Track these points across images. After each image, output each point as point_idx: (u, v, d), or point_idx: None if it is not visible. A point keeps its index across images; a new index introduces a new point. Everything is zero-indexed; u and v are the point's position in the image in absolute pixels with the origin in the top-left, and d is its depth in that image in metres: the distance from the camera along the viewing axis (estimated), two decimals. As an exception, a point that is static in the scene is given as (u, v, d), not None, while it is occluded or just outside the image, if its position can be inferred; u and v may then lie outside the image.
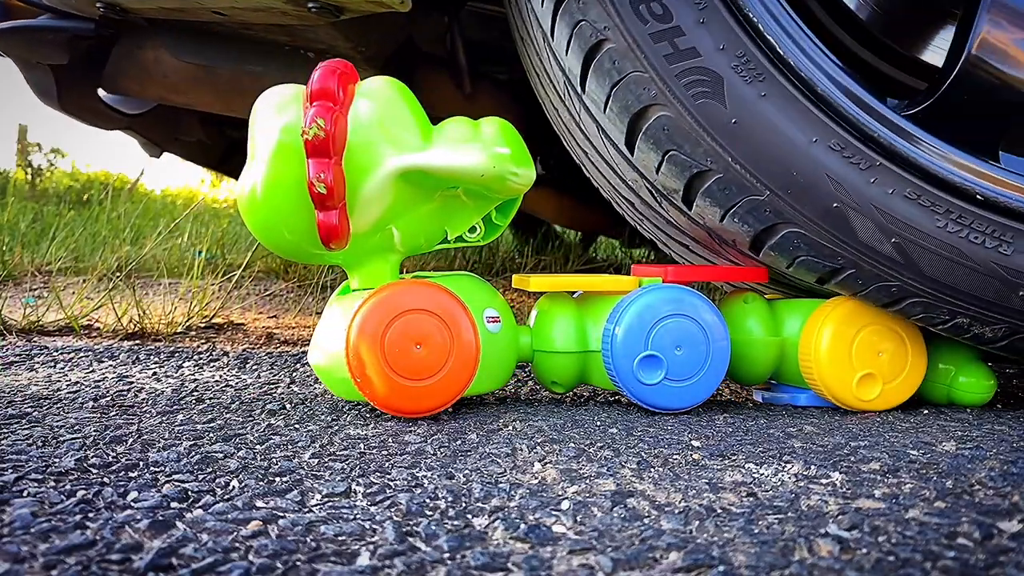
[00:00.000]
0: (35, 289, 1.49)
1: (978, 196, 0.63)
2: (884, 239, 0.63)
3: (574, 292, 0.74)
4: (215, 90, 1.09)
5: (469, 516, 0.42)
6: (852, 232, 0.63)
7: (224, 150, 1.63)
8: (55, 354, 0.93)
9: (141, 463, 0.50)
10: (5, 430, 0.58)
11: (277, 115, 0.61)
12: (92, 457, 0.51)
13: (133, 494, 0.44)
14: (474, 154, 0.61)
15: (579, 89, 0.67)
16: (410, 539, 0.39)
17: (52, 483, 0.46)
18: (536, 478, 0.49)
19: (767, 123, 0.62)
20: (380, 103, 0.61)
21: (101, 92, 1.21)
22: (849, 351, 0.68)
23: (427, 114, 0.65)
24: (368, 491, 0.46)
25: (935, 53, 0.84)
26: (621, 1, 0.61)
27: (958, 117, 0.65)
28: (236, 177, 1.91)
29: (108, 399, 0.71)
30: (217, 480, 0.47)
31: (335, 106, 0.59)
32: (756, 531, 0.40)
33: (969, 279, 0.64)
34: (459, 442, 0.57)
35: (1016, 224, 0.63)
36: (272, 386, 0.80)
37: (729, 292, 0.77)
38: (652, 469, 0.51)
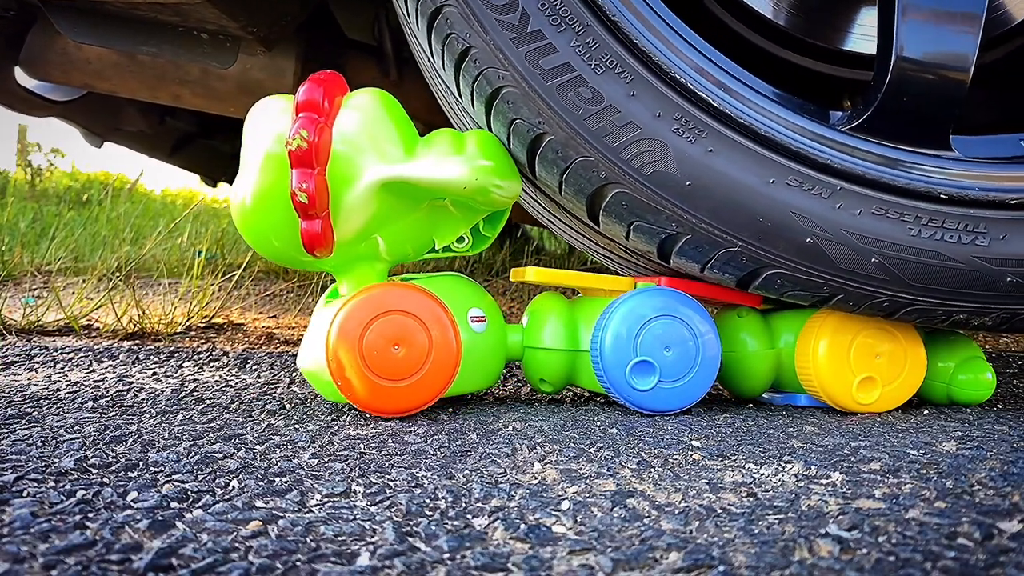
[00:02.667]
0: (35, 289, 1.49)
1: (942, 195, 0.63)
2: (864, 260, 0.63)
3: (569, 293, 0.74)
4: (138, 77, 1.09)
5: (469, 516, 0.42)
6: (831, 262, 0.63)
7: (175, 141, 1.62)
8: (55, 354, 0.93)
9: (141, 463, 0.50)
10: (5, 430, 0.58)
11: (268, 125, 0.62)
12: (92, 457, 0.51)
13: (133, 494, 0.44)
14: (457, 167, 0.61)
15: (530, 176, 0.67)
16: (410, 539, 0.39)
17: (52, 483, 0.46)
18: (536, 478, 0.49)
19: (721, 176, 0.62)
20: (365, 115, 0.62)
21: (31, 80, 1.20)
22: (847, 357, 0.68)
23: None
24: (368, 491, 0.46)
25: (862, 40, 0.84)
26: (550, 94, 0.61)
27: (903, 120, 0.65)
28: (188, 169, 1.89)
29: (108, 399, 0.71)
30: (217, 480, 0.47)
31: (320, 118, 0.60)
32: (756, 531, 0.40)
33: (956, 277, 0.63)
34: (459, 442, 0.57)
35: (985, 212, 0.63)
36: (272, 386, 0.80)
37: (722, 309, 0.77)
38: (652, 469, 0.51)
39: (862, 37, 0.84)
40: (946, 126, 0.65)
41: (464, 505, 0.44)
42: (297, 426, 0.61)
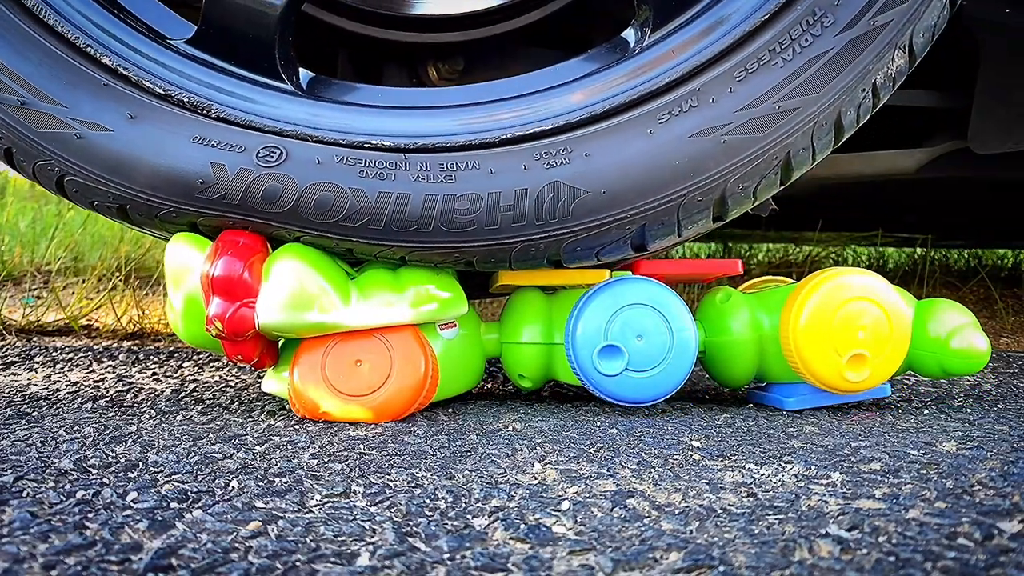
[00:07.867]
0: (35, 289, 1.49)
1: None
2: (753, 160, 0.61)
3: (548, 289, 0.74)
4: None
5: (469, 516, 0.42)
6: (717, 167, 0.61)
7: None
8: (55, 354, 0.93)
9: (140, 463, 0.50)
10: (5, 430, 0.58)
11: (184, 278, 0.62)
12: (91, 457, 0.51)
13: (132, 495, 0.44)
14: (400, 313, 0.63)
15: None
16: (410, 539, 0.39)
17: (51, 483, 0.46)
18: (536, 478, 0.49)
19: (615, 165, 0.61)
20: (290, 290, 0.60)
21: None
22: (830, 333, 0.66)
23: None
24: (368, 492, 0.46)
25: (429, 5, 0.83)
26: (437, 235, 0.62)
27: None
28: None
29: (107, 399, 0.71)
30: (216, 480, 0.47)
31: (232, 304, 0.59)
32: (756, 531, 0.40)
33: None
34: (459, 443, 0.57)
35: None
36: (272, 386, 0.80)
37: (704, 292, 0.76)
38: (652, 469, 0.51)
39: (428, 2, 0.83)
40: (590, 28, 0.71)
41: (464, 505, 0.44)
42: (297, 426, 0.61)
